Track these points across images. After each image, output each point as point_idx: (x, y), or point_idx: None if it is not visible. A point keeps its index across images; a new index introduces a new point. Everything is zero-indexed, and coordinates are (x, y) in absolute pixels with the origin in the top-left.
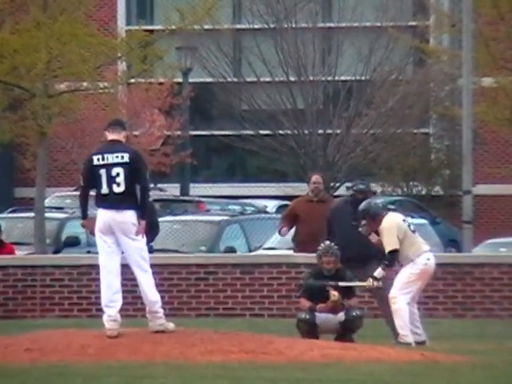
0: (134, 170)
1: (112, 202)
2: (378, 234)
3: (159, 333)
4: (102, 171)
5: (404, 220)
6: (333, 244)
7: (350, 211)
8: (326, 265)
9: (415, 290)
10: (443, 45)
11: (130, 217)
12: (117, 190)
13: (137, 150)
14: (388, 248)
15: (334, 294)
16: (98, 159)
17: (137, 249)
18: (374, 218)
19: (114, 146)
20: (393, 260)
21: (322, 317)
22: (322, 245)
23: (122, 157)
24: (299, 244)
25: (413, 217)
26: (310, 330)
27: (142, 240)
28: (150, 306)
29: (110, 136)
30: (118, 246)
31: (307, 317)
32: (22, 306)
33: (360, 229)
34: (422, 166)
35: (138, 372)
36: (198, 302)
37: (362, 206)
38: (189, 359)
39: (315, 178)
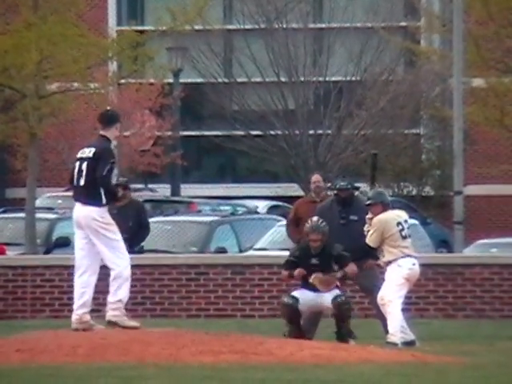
0: (96, 164)
1: (76, 195)
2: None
3: (112, 325)
4: (77, 164)
5: (399, 223)
6: (320, 221)
7: (337, 210)
8: (312, 242)
9: (404, 292)
10: (434, 45)
11: (90, 212)
12: (80, 183)
13: (106, 145)
14: (367, 239)
15: (313, 278)
16: (79, 153)
17: (101, 245)
18: (384, 204)
19: (93, 141)
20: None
21: (305, 303)
22: (310, 222)
23: (90, 151)
24: None
25: None
26: (293, 315)
27: (109, 236)
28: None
29: (100, 131)
30: (88, 241)
31: (290, 302)
32: (13, 306)
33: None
34: (412, 166)
35: (129, 373)
36: (189, 302)
37: (378, 189)
38: (179, 360)
39: (315, 177)
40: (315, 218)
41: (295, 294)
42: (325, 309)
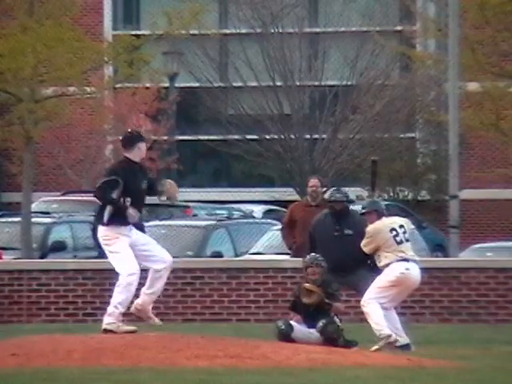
0: None
1: None
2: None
3: (109, 332)
4: None
5: (393, 229)
6: (318, 255)
7: (332, 222)
8: (311, 276)
9: (388, 296)
10: (429, 50)
11: (99, 231)
12: None
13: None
14: (361, 245)
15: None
16: None
17: (109, 258)
18: (378, 212)
19: None
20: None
21: (297, 332)
22: (308, 256)
23: None
24: (296, 249)
25: None
26: (285, 341)
27: (111, 250)
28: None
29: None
30: None
31: (284, 328)
32: (9, 310)
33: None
34: (408, 170)
35: (124, 377)
36: (185, 306)
37: (373, 199)
38: (175, 364)
39: (312, 181)
40: (312, 253)
41: (292, 322)
42: (313, 341)
